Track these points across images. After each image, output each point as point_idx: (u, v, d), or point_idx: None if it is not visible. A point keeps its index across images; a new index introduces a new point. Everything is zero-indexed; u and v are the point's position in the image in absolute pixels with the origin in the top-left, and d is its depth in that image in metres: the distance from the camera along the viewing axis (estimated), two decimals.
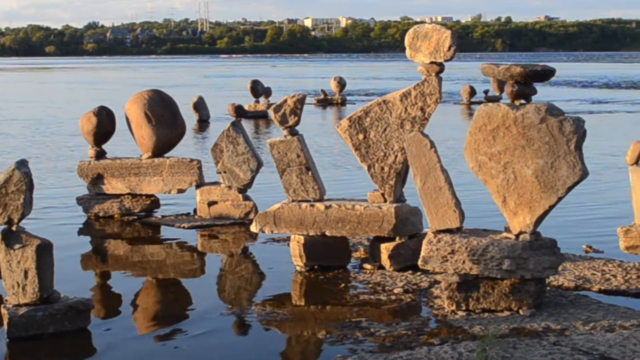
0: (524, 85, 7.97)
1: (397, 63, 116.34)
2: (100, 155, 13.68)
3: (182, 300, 9.15)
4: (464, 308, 8.07)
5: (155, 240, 12.08)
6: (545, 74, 7.99)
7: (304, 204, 9.87)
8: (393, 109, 9.58)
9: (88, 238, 12.37)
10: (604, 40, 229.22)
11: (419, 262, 8.25)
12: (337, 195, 11.26)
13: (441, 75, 9.47)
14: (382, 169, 9.72)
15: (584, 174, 7.70)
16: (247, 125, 29.04)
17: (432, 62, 9.32)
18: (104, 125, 13.49)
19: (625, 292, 8.81)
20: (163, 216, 13.47)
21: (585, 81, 62.36)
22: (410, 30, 9.38)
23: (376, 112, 9.66)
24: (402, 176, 9.80)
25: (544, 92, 43.39)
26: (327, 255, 9.93)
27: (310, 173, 10.00)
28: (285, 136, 10.06)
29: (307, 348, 7.44)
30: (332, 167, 18.93)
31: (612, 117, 32.58)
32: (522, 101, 7.99)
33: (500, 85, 38.12)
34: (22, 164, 7.52)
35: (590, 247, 10.79)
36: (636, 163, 9.20)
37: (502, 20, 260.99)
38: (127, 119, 13.64)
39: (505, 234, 8.07)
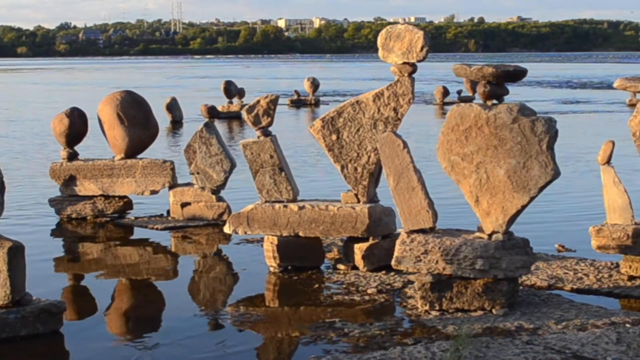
0: (496, 86, 8.00)
1: (370, 64, 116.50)
2: (73, 156, 13.62)
3: (156, 301, 9.13)
4: (437, 308, 8.09)
5: (128, 242, 12.04)
6: (517, 74, 8.03)
7: (277, 205, 9.86)
8: (366, 110, 9.59)
9: (60, 240, 12.32)
10: (576, 41, 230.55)
11: (393, 263, 8.27)
12: (310, 196, 11.26)
13: (414, 75, 9.50)
14: (356, 169, 9.73)
15: (556, 173, 7.74)
16: (221, 126, 28.96)
17: (404, 63, 9.34)
18: (76, 126, 13.43)
19: (597, 291, 8.86)
20: (136, 217, 13.43)
21: (558, 81, 62.67)
22: (383, 31, 9.39)
23: (349, 112, 9.67)
24: (375, 176, 9.81)
25: (516, 93, 43.56)
26: (300, 255, 9.93)
27: (283, 174, 10.00)
28: (258, 137, 10.06)
29: (281, 349, 7.43)
30: (306, 167, 18.93)
31: (584, 117, 32.76)
32: (495, 101, 8.03)
33: (473, 85, 38.22)
34: None
35: (563, 247, 10.84)
36: (607, 162, 9.25)
37: (475, 20, 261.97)
38: (99, 120, 13.59)
39: (478, 234, 8.10)
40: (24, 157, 21.73)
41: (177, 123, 31.18)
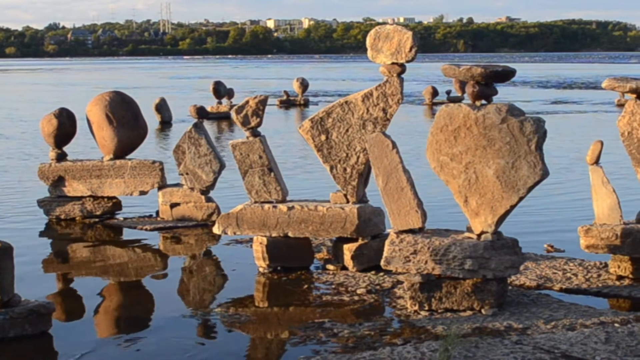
0: (485, 86, 8.00)
1: (359, 64, 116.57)
2: (61, 157, 13.59)
3: (145, 302, 9.11)
4: (426, 308, 8.09)
5: (117, 243, 12.02)
6: (506, 75, 8.04)
7: (266, 205, 9.85)
8: (355, 110, 9.59)
9: (49, 241, 12.29)
10: (564, 41, 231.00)
11: (382, 263, 8.27)
12: (299, 196, 11.26)
13: (403, 76, 9.50)
14: (345, 169, 9.72)
15: (545, 173, 7.75)
16: (210, 127, 28.99)
17: (393, 63, 9.33)
18: (65, 127, 13.40)
19: (586, 290, 8.88)
20: (125, 218, 13.41)
21: (546, 81, 62.77)
22: (372, 31, 9.39)
23: (338, 113, 9.67)
24: (364, 177, 9.81)
25: (505, 93, 43.63)
26: (290, 256, 9.92)
27: (272, 174, 9.99)
28: (247, 137, 10.05)
29: (271, 349, 7.43)
30: (295, 168, 18.93)
31: (573, 117, 32.82)
32: (483, 101, 8.03)
33: (463, 85, 38.25)
34: None
35: (552, 247, 10.86)
36: (596, 162, 9.27)
37: (464, 21, 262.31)
38: (88, 120, 13.57)
39: (467, 234, 8.10)
40: (35, 158, 21.53)
41: (166, 123, 31.13)
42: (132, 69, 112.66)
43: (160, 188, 13.25)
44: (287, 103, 41.05)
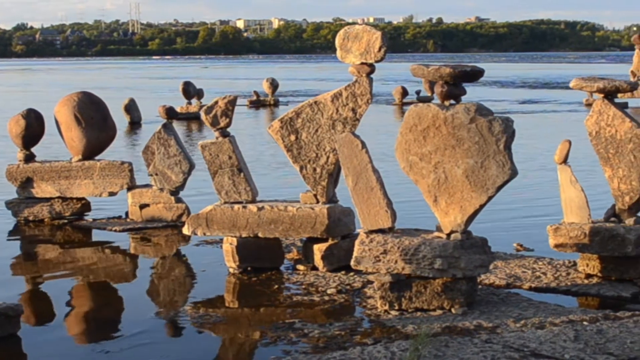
0: (454, 86, 8.03)
1: (329, 64, 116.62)
2: (29, 158, 13.52)
3: (114, 303, 9.07)
4: (396, 308, 8.10)
5: (86, 244, 11.96)
6: (475, 75, 8.06)
7: (236, 206, 9.84)
8: (324, 110, 9.60)
9: (18, 242, 12.21)
10: (533, 41, 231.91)
11: (352, 263, 8.27)
12: (269, 196, 11.24)
13: (372, 76, 9.51)
14: (314, 170, 9.73)
15: (514, 173, 7.78)
16: (179, 127, 28.89)
17: (362, 63, 9.35)
18: (33, 128, 13.33)
19: (555, 289, 8.93)
20: (94, 219, 13.35)
21: (515, 81, 63.04)
22: (341, 32, 9.40)
23: (307, 113, 9.67)
24: (334, 177, 9.82)
25: (474, 93, 43.77)
26: (260, 256, 9.91)
27: (242, 174, 9.97)
28: (216, 138, 10.02)
29: (241, 350, 7.42)
30: (264, 168, 18.90)
31: (542, 117, 32.98)
32: (452, 101, 8.06)
33: (432, 85, 38.33)
34: None
35: (521, 246, 10.91)
36: (564, 162, 9.32)
37: (434, 21, 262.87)
38: (56, 121, 13.49)
39: (436, 234, 8.12)
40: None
41: (135, 124, 31.02)
42: (101, 69, 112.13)
43: (129, 189, 13.21)
44: (257, 103, 40.99)
